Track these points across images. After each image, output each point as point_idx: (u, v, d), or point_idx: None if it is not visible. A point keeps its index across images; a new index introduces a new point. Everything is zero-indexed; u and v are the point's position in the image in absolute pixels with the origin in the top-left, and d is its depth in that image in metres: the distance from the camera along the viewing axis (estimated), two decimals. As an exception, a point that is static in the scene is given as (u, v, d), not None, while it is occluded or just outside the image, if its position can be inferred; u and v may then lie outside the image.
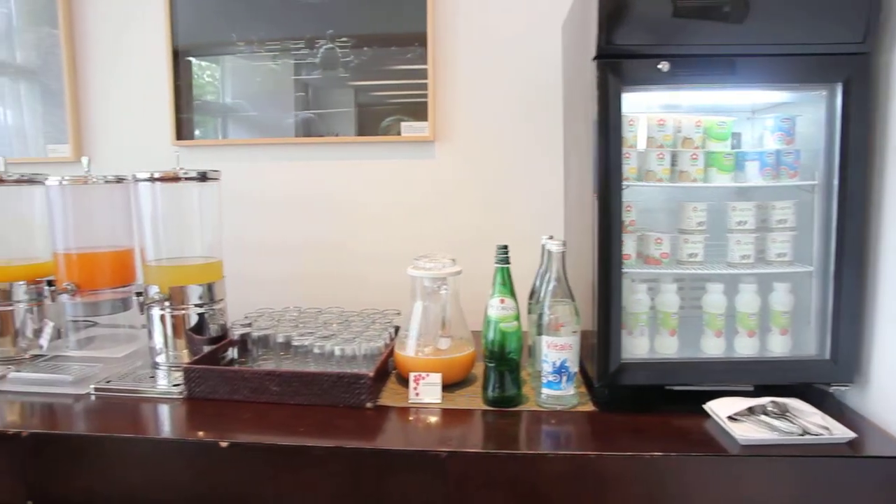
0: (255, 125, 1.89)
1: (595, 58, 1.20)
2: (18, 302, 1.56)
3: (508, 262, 1.28)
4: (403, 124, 1.83)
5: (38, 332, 1.55)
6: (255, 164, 1.91)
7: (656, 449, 1.08)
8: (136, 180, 1.49)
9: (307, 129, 1.87)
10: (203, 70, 1.90)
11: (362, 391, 1.28)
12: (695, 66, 1.20)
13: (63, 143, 1.97)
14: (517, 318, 1.27)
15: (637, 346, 1.32)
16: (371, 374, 1.28)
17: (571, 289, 1.26)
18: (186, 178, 1.47)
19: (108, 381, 1.39)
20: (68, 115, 1.95)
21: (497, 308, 1.27)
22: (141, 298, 1.45)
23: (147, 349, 1.55)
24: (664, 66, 1.18)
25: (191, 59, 1.89)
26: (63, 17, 1.91)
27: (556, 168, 1.76)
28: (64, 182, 1.51)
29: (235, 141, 1.90)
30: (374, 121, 1.85)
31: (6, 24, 1.95)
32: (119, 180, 1.55)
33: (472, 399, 1.32)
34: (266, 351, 1.50)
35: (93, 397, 1.36)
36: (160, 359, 1.50)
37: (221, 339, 1.53)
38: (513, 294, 1.27)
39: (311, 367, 1.38)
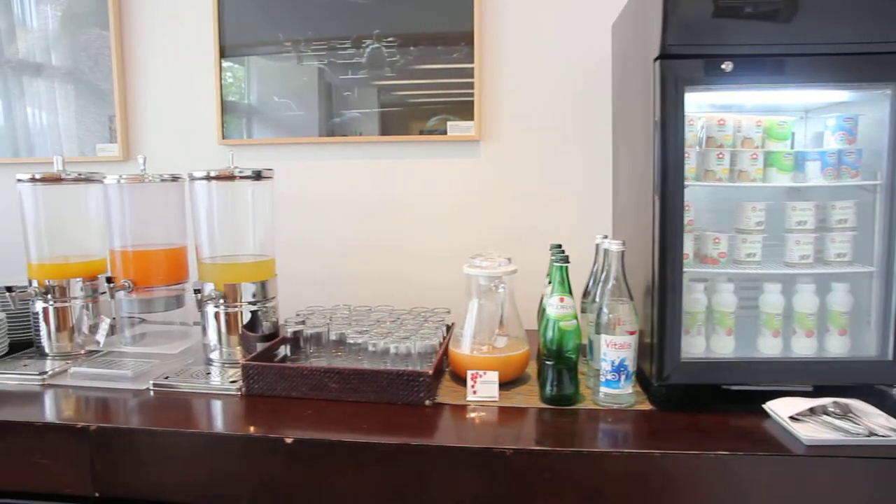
0: (301, 124, 1.91)
1: (657, 58, 1.20)
2: (75, 298, 1.58)
3: (567, 261, 1.28)
4: (450, 123, 1.84)
5: (93, 328, 1.58)
6: (300, 164, 1.92)
7: (719, 448, 1.08)
8: (193, 179, 1.51)
9: (353, 129, 1.89)
10: (249, 70, 1.92)
11: (421, 388, 1.28)
12: (758, 65, 1.19)
13: (112, 143, 2.00)
14: (576, 316, 1.28)
15: (694, 345, 1.32)
16: (430, 371, 1.29)
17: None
18: (241, 177, 1.49)
19: (165, 377, 1.41)
20: (117, 114, 1.98)
21: (557, 307, 1.27)
22: (199, 296, 1.47)
23: (198, 346, 1.57)
24: (727, 66, 1.18)
25: (237, 58, 1.91)
26: (113, 19, 1.94)
27: (601, 168, 1.76)
28: (122, 180, 1.53)
29: (282, 140, 1.92)
30: (419, 120, 1.86)
31: (58, 27, 1.98)
32: (174, 179, 1.57)
33: (528, 397, 1.33)
34: (318, 349, 1.52)
35: (151, 393, 1.38)
36: (214, 355, 1.52)
37: (273, 336, 1.54)
38: (571, 293, 1.28)
39: (366, 365, 1.39)
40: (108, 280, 1.51)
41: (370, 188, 1.91)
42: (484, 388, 1.32)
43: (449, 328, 1.56)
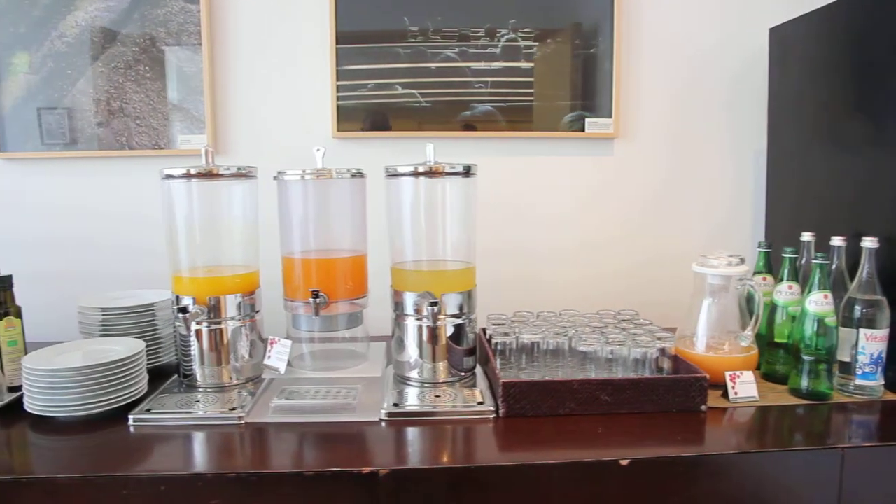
0: (426, 116, 1.76)
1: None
2: (231, 318, 1.33)
3: (828, 259, 1.29)
4: (588, 120, 1.79)
5: (254, 352, 1.34)
6: (418, 158, 1.76)
7: None
8: (394, 175, 1.33)
9: (485, 122, 1.77)
10: (368, 56, 1.73)
11: (697, 394, 1.23)
12: None
13: (198, 134, 1.71)
14: (835, 313, 1.30)
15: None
16: (707, 375, 1.24)
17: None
18: (448, 173, 1.34)
19: (394, 405, 1.23)
20: (206, 101, 1.70)
21: (820, 303, 1.28)
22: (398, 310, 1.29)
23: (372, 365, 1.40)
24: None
25: (354, 44, 1.72)
26: (203, -12, 1.66)
27: (742, 170, 1.81)
28: (306, 175, 1.31)
29: (407, 133, 1.75)
30: (553, 116, 1.79)
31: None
32: (357, 174, 1.37)
33: (778, 395, 1.32)
34: (529, 359, 1.40)
35: (383, 424, 1.19)
36: (413, 374, 1.36)
37: (474, 350, 1.41)
38: (831, 289, 1.29)
39: (594, 374, 1.31)
40: (315, 295, 1.28)
41: (501, 185, 1.80)
42: (743, 389, 1.30)
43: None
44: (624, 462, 1.05)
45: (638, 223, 1.84)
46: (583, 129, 1.79)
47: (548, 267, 1.83)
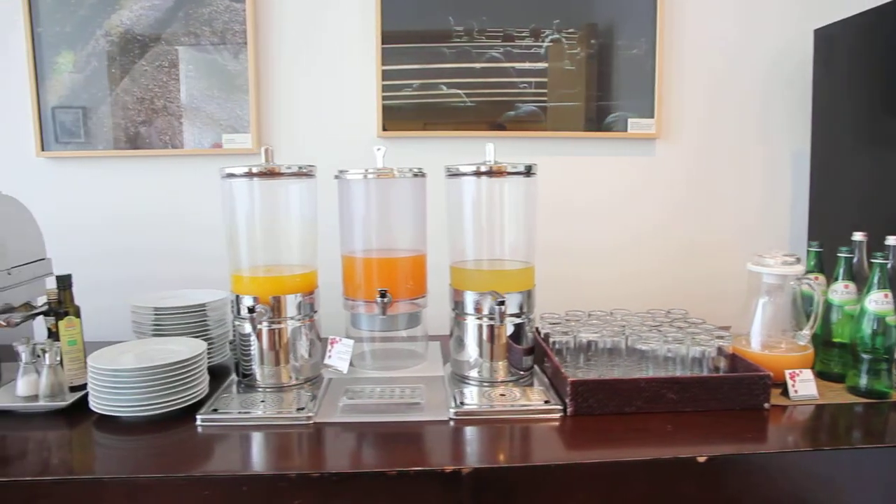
0: (471, 116, 1.76)
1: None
2: (291, 318, 1.32)
3: (887, 258, 1.30)
4: (630, 120, 1.79)
5: (313, 352, 1.34)
6: (463, 158, 1.76)
7: None
8: (456, 174, 1.33)
9: (529, 122, 1.77)
10: (411, 56, 1.73)
11: (761, 392, 1.24)
12: None
13: (242, 133, 1.70)
14: (895, 311, 1.31)
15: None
16: (771, 373, 1.25)
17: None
18: (510, 173, 1.34)
19: (461, 404, 1.23)
20: (251, 100, 1.69)
21: (880, 302, 1.29)
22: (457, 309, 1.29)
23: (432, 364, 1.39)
24: None
25: (399, 44, 1.72)
26: (251, -11, 1.66)
27: (783, 170, 1.82)
28: (369, 175, 1.31)
29: (449, 133, 1.76)
30: (595, 116, 1.79)
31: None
32: (419, 174, 1.37)
33: (838, 393, 1.33)
34: (586, 358, 1.41)
35: (451, 423, 1.19)
36: (472, 373, 1.36)
37: (533, 349, 1.41)
38: (890, 288, 1.31)
39: (651, 372, 1.32)
40: (383, 294, 1.28)
41: (544, 185, 1.80)
42: (803, 387, 1.31)
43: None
44: (701, 459, 1.05)
45: (676, 222, 1.85)
46: (625, 129, 1.79)
47: (587, 266, 1.84)
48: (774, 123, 1.83)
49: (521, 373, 1.37)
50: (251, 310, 1.23)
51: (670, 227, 1.85)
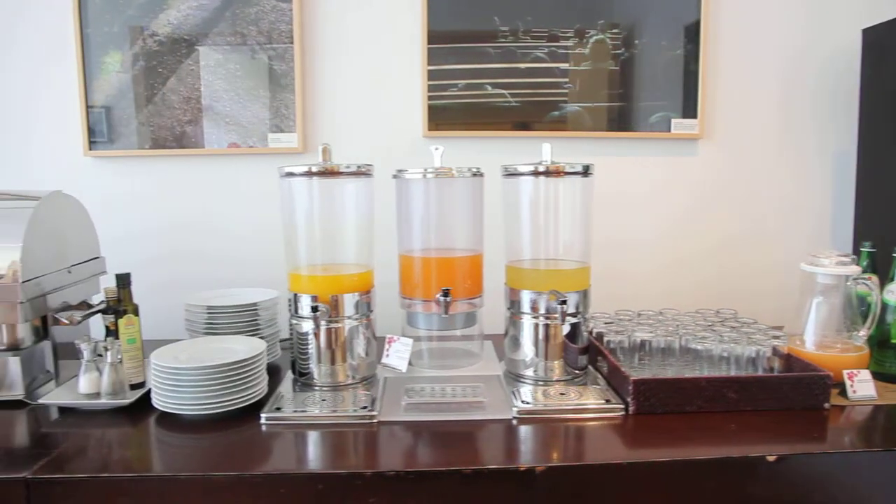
0: (515, 116, 1.76)
1: None
2: (349, 317, 1.33)
3: (946, 257, 1.31)
4: (673, 121, 1.79)
5: (370, 351, 1.35)
6: (505, 157, 1.76)
7: None
8: (513, 174, 1.34)
9: (573, 123, 1.78)
10: (459, 56, 1.73)
11: (821, 392, 1.24)
12: None
13: (288, 133, 1.71)
14: (953, 311, 1.31)
15: None
16: (831, 373, 1.25)
17: None
18: (568, 173, 1.34)
19: (524, 402, 1.23)
20: (297, 100, 1.69)
21: (939, 302, 1.29)
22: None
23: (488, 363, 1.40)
24: None
25: (446, 45, 1.72)
26: (298, -11, 1.66)
27: (825, 171, 1.82)
28: (428, 174, 1.31)
29: (493, 133, 1.76)
30: (639, 116, 1.79)
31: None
32: (477, 174, 1.37)
33: (895, 393, 1.33)
34: (640, 357, 1.41)
35: (514, 421, 1.20)
36: (528, 372, 1.36)
37: (588, 348, 1.41)
38: (948, 287, 1.31)
39: (707, 372, 1.32)
40: (445, 294, 1.28)
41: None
42: (862, 387, 1.31)
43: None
44: (771, 458, 1.05)
45: (716, 220, 1.86)
46: (668, 130, 1.79)
47: (626, 261, 1.84)
48: (818, 124, 1.83)
49: (577, 372, 1.37)
50: (314, 309, 1.24)
51: (710, 223, 1.85)
